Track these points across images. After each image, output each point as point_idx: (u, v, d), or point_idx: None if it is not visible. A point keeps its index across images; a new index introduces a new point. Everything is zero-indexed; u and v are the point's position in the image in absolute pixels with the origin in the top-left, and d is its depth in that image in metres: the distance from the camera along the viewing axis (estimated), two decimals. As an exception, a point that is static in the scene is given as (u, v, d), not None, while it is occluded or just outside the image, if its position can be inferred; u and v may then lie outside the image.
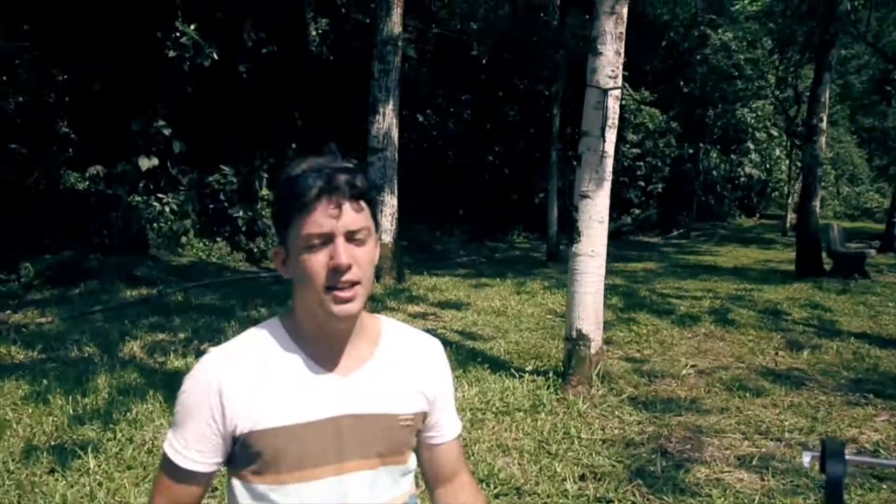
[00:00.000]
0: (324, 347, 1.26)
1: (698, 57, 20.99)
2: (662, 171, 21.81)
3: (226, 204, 12.35)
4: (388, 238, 8.89)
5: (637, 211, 23.59)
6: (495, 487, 3.22)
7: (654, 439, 3.93)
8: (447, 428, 1.40)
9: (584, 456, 3.62)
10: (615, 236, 21.56)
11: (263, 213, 12.50)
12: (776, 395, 4.81)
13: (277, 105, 14.08)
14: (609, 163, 4.62)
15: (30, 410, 4.19)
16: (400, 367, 1.33)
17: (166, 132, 11.37)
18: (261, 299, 8.24)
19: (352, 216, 1.17)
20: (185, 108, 12.09)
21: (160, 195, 11.36)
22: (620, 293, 8.80)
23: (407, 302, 7.94)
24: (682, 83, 22.58)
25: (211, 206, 12.25)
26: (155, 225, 11.15)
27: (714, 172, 26.24)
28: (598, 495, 3.19)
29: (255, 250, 12.24)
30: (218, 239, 12.08)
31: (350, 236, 1.17)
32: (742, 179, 28.35)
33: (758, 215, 30.41)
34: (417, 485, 1.40)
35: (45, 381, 4.66)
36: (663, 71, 22.99)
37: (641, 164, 20.98)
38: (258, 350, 1.26)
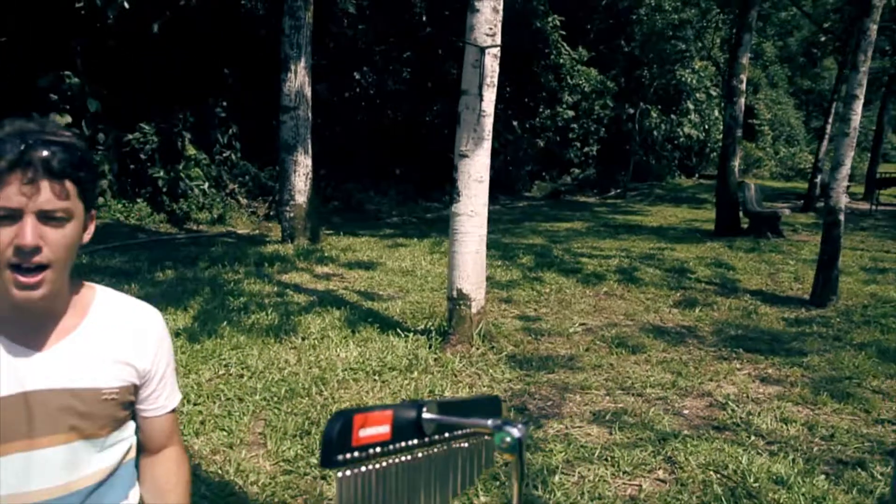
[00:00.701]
0: (19, 322, 1.21)
1: (633, 17, 21.05)
2: (598, 132, 21.97)
3: (148, 163, 12.00)
4: (301, 199, 8.78)
5: (577, 171, 23.80)
6: (341, 446, 3.24)
7: (517, 397, 4.01)
8: (161, 401, 1.39)
9: (441, 414, 3.67)
10: (553, 196, 21.77)
11: (186, 173, 12.21)
12: (652, 352, 4.95)
13: (201, 60, 13.65)
14: (488, 122, 4.61)
15: None
16: (108, 339, 1.29)
17: (78, 88, 10.94)
18: (171, 261, 8.08)
19: (47, 196, 1.10)
20: (100, 64, 11.63)
21: (73, 154, 10.97)
22: (534, 253, 8.90)
23: (316, 263, 7.89)
24: (622, 43, 22.65)
25: (131, 165, 11.90)
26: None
27: (655, 133, 26.52)
28: (442, 452, 3.24)
29: (178, 211, 11.98)
30: (138, 200, 11.77)
31: (44, 216, 1.11)
32: (681, 140, 28.75)
33: (697, 175, 30.96)
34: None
35: None
36: (604, 30, 23.00)
37: (576, 125, 21.09)
38: None
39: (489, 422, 0.97)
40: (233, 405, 3.70)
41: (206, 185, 12.22)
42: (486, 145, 4.62)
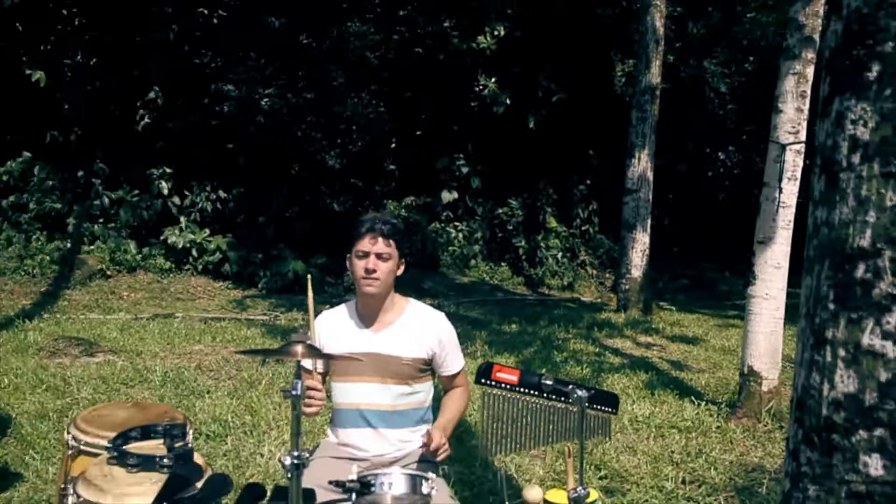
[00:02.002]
0: (368, 316, 2.42)
1: None
2: None
3: (513, 233, 13.90)
4: (637, 273, 9.50)
5: None
6: (602, 470, 3.94)
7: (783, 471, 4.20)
8: (448, 368, 2.48)
9: (702, 468, 4.11)
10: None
11: (545, 243, 13.78)
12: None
13: (568, 143, 15.31)
14: (788, 213, 4.91)
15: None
16: (412, 330, 2.41)
17: (465, 170, 13.33)
18: (517, 318, 9.45)
19: (381, 245, 2.32)
20: (483, 149, 13.96)
21: (456, 223, 13.33)
22: None
23: (641, 332, 8.51)
24: None
25: (499, 234, 13.92)
26: (450, 248, 13.12)
27: None
28: (688, 496, 3.72)
29: (534, 276, 13.56)
30: (502, 263, 13.67)
31: (378, 255, 2.32)
32: None
33: None
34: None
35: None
36: None
37: None
38: (339, 314, 2.50)
39: (570, 386, 1.72)
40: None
41: (560, 254, 13.63)
42: (786, 234, 4.92)
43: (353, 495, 1.69)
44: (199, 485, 1.70)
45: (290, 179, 12.77)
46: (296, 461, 1.52)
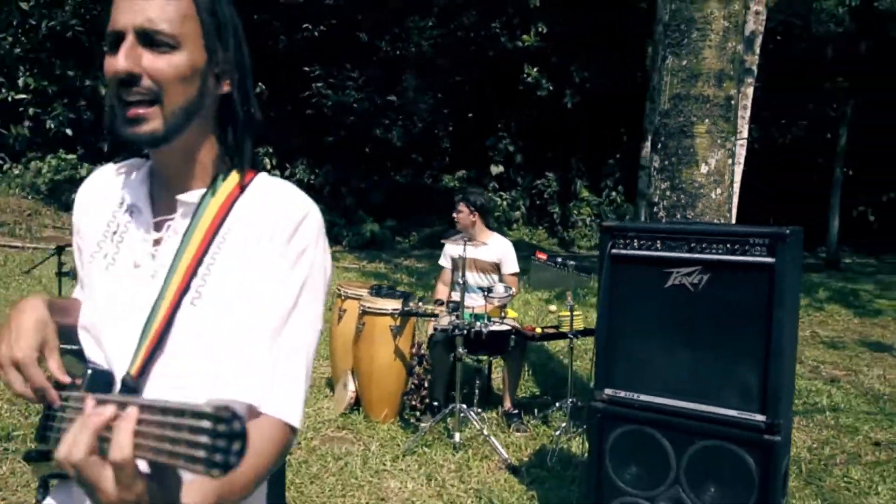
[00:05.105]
0: (468, 237, 5.01)
1: None
2: None
3: (548, 201, 16.38)
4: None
5: None
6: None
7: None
8: (508, 269, 5.01)
9: None
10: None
11: (577, 209, 16.23)
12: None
13: (601, 125, 17.61)
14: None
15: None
16: (491, 246, 4.99)
17: (510, 148, 15.82)
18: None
19: (462, 206, 4.88)
20: (525, 130, 16.42)
21: (501, 192, 15.87)
22: None
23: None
24: None
25: (537, 202, 16.41)
26: (496, 214, 15.66)
27: None
28: None
29: (567, 238, 16.06)
30: (540, 227, 16.19)
31: (458, 211, 4.88)
32: None
33: None
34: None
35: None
36: None
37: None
38: (455, 237, 5.07)
39: (571, 262, 4.28)
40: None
41: (589, 219, 16.08)
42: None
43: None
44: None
45: (365, 158, 15.43)
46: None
